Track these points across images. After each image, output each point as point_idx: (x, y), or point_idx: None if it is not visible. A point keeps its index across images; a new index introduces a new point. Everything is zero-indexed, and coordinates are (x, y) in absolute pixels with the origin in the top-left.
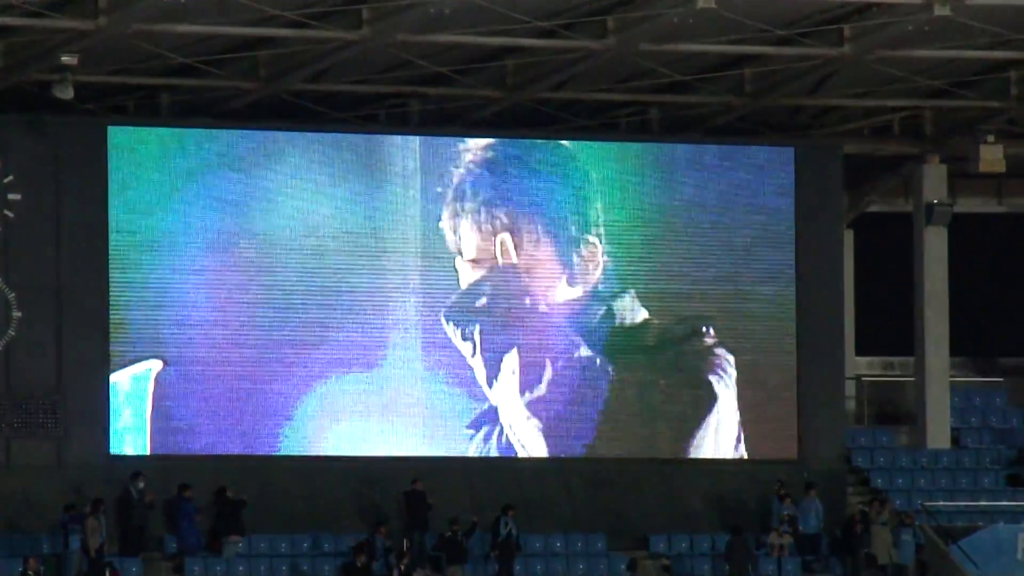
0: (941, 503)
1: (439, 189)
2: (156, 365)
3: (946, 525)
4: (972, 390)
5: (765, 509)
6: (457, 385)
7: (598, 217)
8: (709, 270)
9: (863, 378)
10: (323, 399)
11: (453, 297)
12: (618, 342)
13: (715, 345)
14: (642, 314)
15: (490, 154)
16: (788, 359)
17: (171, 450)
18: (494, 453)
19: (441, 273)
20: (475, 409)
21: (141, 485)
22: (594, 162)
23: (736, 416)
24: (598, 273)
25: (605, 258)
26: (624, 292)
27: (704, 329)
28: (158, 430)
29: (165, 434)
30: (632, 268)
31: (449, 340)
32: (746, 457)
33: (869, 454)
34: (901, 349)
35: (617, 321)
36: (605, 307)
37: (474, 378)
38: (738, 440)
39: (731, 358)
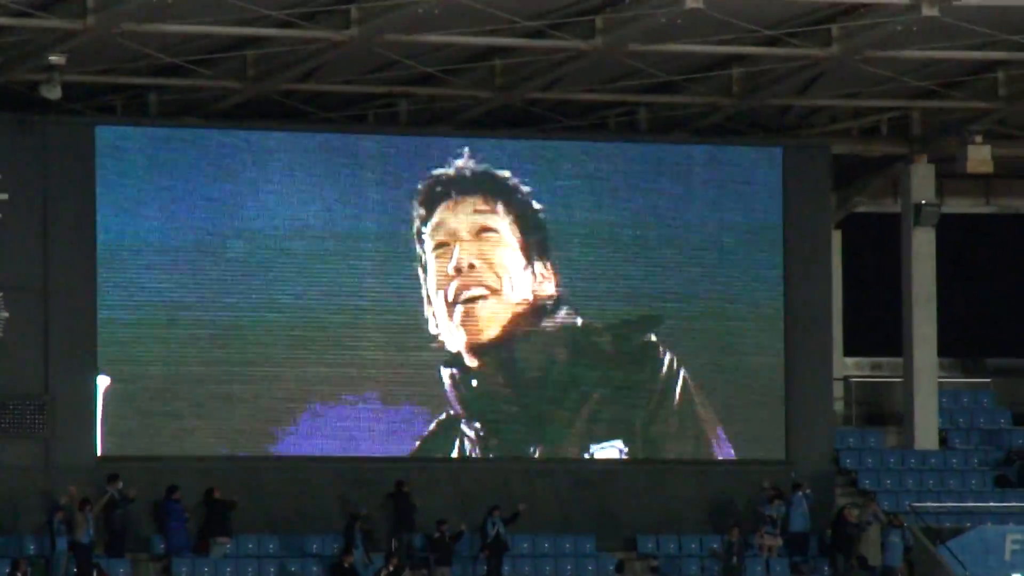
0: (929, 504)
1: (426, 189)
2: (136, 369)
3: (934, 526)
4: (960, 391)
5: (753, 510)
6: (443, 385)
7: (585, 218)
8: (696, 270)
9: (851, 379)
10: (310, 399)
11: (438, 297)
12: (602, 342)
13: (699, 347)
14: (626, 314)
15: (476, 153)
16: (776, 360)
17: (159, 451)
18: (480, 454)
19: (427, 272)
20: (462, 409)
21: (120, 486)
22: (581, 162)
23: (722, 417)
24: (576, 273)
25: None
26: (608, 292)
27: (681, 330)
28: (145, 431)
29: (153, 435)
30: (619, 268)
31: (435, 340)
32: (734, 458)
33: (857, 455)
34: (889, 350)
35: (601, 321)
36: (586, 307)
37: (460, 377)
38: (725, 441)
39: (714, 358)
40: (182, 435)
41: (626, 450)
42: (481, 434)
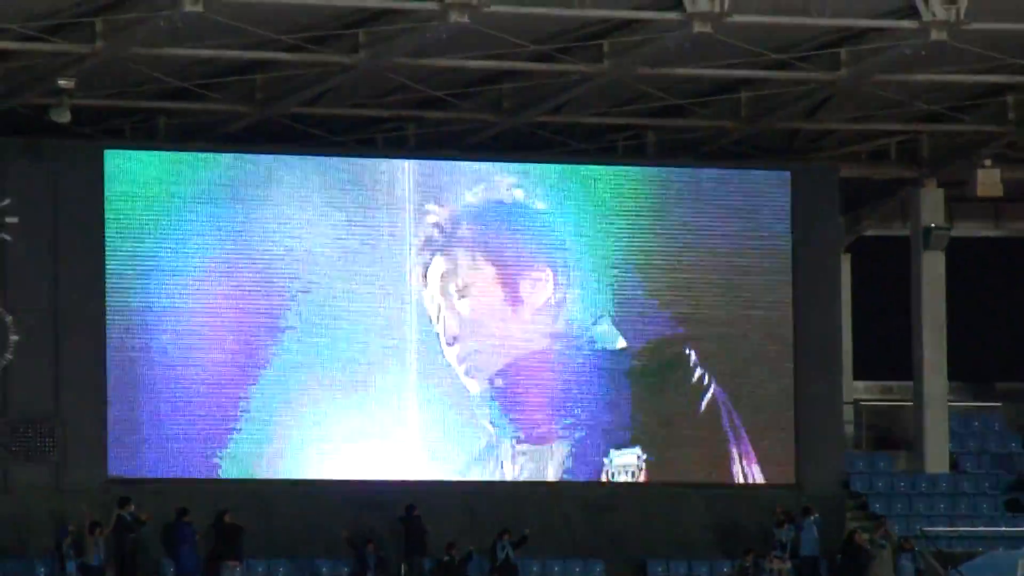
0: (940, 528)
1: (435, 213)
2: (145, 392)
3: (945, 550)
4: (970, 415)
5: (763, 534)
6: (454, 410)
7: (594, 242)
8: (706, 294)
9: (861, 403)
10: (321, 423)
11: (449, 322)
12: (611, 367)
13: (709, 370)
14: (638, 338)
15: (486, 178)
16: (786, 384)
17: (169, 474)
18: (491, 478)
19: (438, 296)
20: (471, 434)
21: (132, 508)
22: (590, 187)
23: (731, 441)
24: (586, 297)
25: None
26: (620, 316)
27: (691, 353)
28: (156, 454)
29: (163, 458)
30: (629, 293)
31: (447, 365)
32: (744, 482)
33: (867, 479)
34: (899, 374)
35: (611, 346)
36: (598, 333)
37: (470, 403)
38: (735, 465)
39: (724, 382)
40: (192, 458)
41: (644, 457)
42: (497, 459)
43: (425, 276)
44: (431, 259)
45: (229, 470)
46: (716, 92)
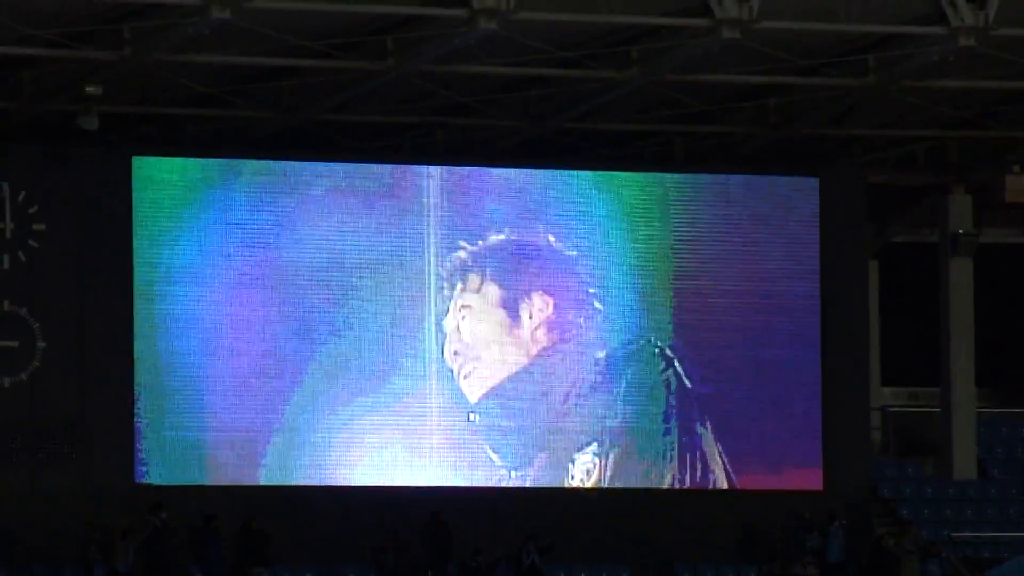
0: (968, 534)
1: (462, 219)
2: (172, 398)
3: (972, 556)
4: (998, 421)
5: (790, 540)
6: (481, 417)
7: (621, 248)
8: (733, 301)
9: (889, 409)
10: (347, 429)
11: (473, 328)
12: (637, 373)
13: (736, 376)
14: (663, 345)
15: (512, 184)
16: (813, 390)
17: (195, 480)
18: (516, 483)
19: (461, 302)
20: (498, 439)
21: (164, 515)
22: (616, 193)
23: (758, 446)
24: (613, 303)
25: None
26: (645, 324)
27: (717, 359)
28: (182, 460)
29: (189, 464)
30: (655, 299)
31: (473, 371)
32: (771, 488)
33: (895, 485)
34: (927, 380)
35: (638, 352)
36: (624, 338)
37: (497, 410)
38: (762, 470)
39: (751, 388)
40: (218, 464)
41: (668, 462)
42: (515, 463)
43: (448, 283)
44: (456, 266)
45: (255, 476)
46: (744, 98)
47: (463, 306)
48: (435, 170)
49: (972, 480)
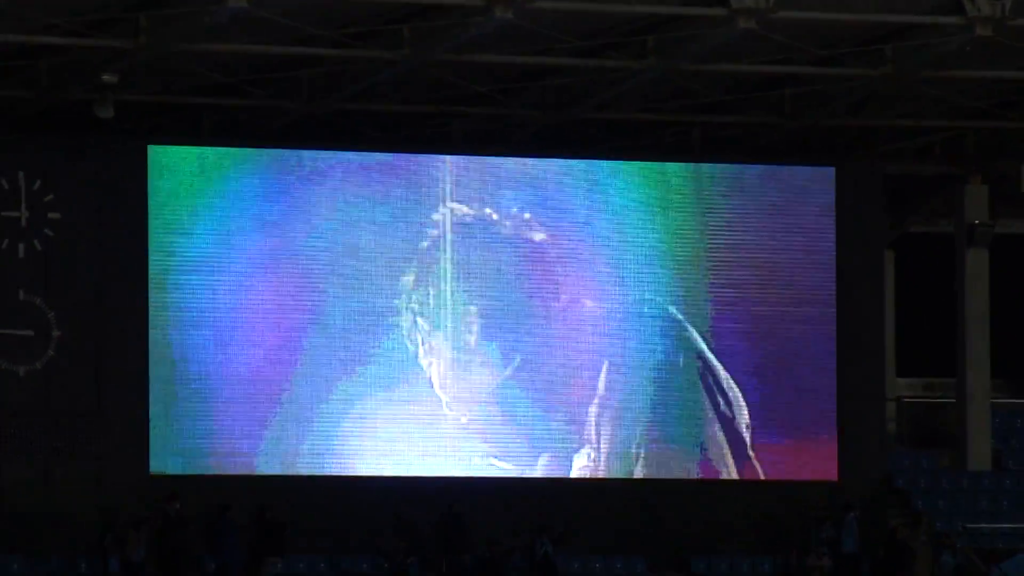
0: (983, 525)
1: (478, 209)
2: (188, 387)
3: (987, 547)
4: (1014, 412)
5: (805, 531)
6: (497, 406)
7: (637, 237)
8: (749, 291)
9: (904, 399)
10: (362, 419)
11: (493, 317)
12: (651, 362)
13: (751, 366)
14: (677, 332)
15: (529, 173)
16: (828, 380)
17: (210, 470)
18: (532, 474)
19: (481, 294)
20: (513, 430)
21: (177, 506)
22: (632, 182)
23: (773, 437)
24: (630, 293)
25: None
26: (660, 311)
27: (732, 349)
28: (197, 450)
29: (205, 454)
30: (670, 288)
31: (488, 360)
32: (786, 478)
33: (910, 476)
34: (942, 370)
35: (652, 342)
36: (640, 328)
37: (512, 399)
38: (777, 461)
39: (766, 379)
40: (233, 453)
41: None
42: (531, 453)
43: (464, 272)
44: (471, 255)
45: (271, 466)
46: (761, 88)
47: (478, 295)
48: (451, 159)
49: (987, 471)
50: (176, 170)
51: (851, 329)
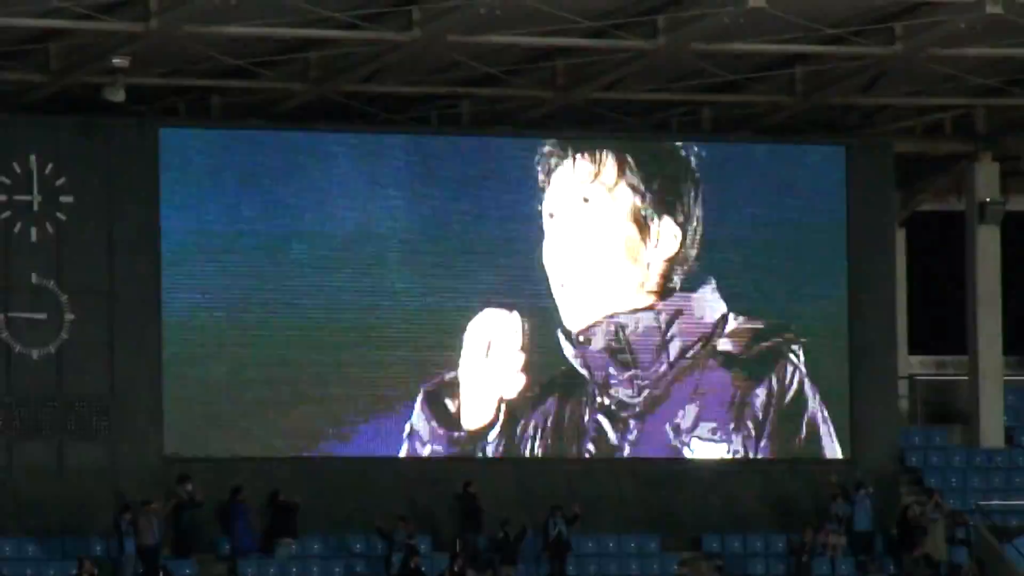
0: (995, 502)
1: (489, 190)
2: (201, 370)
3: (1000, 524)
4: None
5: (818, 509)
6: (507, 385)
7: (652, 216)
8: (760, 270)
9: (916, 377)
10: (374, 400)
11: (506, 297)
12: (663, 342)
13: (764, 345)
14: (693, 314)
15: (538, 154)
16: (840, 359)
17: (224, 452)
18: (545, 454)
19: (493, 274)
20: (531, 408)
21: (190, 487)
22: (644, 161)
23: (786, 415)
24: (656, 274)
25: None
26: (677, 292)
27: (745, 329)
28: (210, 432)
29: (218, 436)
30: (684, 268)
31: (503, 340)
32: (799, 456)
33: (922, 454)
34: (954, 348)
35: (666, 321)
36: (658, 309)
37: (529, 378)
38: (786, 439)
39: (778, 357)
40: (246, 436)
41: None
42: (543, 433)
43: (476, 255)
44: (486, 238)
45: (284, 448)
46: (771, 67)
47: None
48: (463, 141)
49: (999, 448)
50: (187, 152)
51: (863, 307)
